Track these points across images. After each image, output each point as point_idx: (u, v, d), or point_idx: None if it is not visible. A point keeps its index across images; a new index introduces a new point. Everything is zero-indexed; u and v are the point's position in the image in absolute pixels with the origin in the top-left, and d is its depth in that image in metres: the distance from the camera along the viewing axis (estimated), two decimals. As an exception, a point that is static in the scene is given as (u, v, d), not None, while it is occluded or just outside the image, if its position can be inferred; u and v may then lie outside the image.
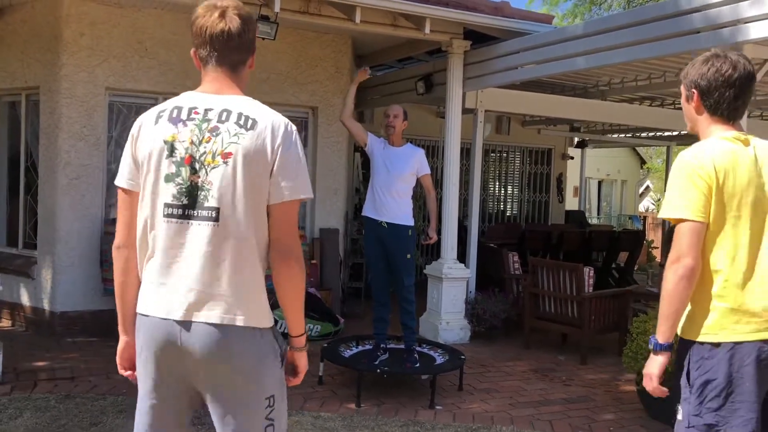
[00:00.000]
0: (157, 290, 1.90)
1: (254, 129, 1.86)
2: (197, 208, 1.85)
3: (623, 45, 5.00)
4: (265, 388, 1.92)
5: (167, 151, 1.87)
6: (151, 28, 6.21)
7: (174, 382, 1.93)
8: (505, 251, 7.12)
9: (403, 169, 4.87)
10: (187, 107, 1.90)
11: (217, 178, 1.84)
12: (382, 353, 4.99)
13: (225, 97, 1.92)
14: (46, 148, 6.09)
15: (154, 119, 1.92)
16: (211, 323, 1.84)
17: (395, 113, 4.93)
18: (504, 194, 11.73)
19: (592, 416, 4.52)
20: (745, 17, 4.06)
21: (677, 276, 2.03)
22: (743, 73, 2.10)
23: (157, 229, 1.88)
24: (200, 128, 1.87)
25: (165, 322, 1.87)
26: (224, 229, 1.85)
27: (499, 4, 6.55)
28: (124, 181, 1.95)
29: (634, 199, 24.69)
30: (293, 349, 2.02)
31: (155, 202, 1.88)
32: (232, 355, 1.86)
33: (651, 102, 8.82)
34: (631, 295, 6.43)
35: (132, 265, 1.98)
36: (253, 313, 1.89)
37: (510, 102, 7.31)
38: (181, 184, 1.86)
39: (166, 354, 1.88)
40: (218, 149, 1.84)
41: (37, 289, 6.13)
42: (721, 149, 2.08)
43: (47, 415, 4.00)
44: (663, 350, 2.11)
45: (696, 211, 2.02)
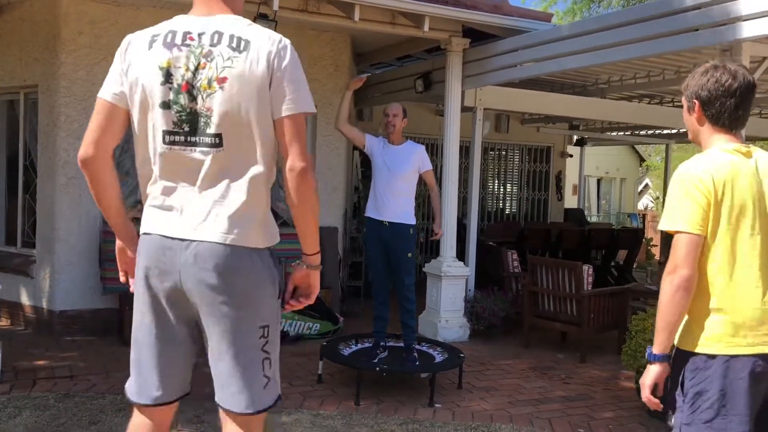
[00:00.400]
0: (161, 212, 1.90)
1: (247, 50, 1.83)
2: (199, 134, 1.84)
3: (622, 43, 5.00)
4: (261, 314, 1.91)
5: (163, 78, 1.84)
6: (149, 27, 6.19)
7: (173, 308, 1.92)
8: (504, 249, 7.12)
9: (405, 167, 4.87)
10: (182, 31, 1.88)
11: (215, 104, 1.82)
12: (381, 351, 4.99)
13: (216, 17, 1.89)
14: (45, 146, 6.09)
15: (148, 43, 1.89)
16: (212, 241, 1.84)
17: (395, 112, 4.92)
18: (503, 192, 11.74)
19: (592, 414, 4.52)
20: (743, 15, 4.06)
21: (673, 287, 2.03)
22: (743, 82, 2.11)
23: (159, 155, 1.88)
24: (195, 54, 1.84)
25: (166, 240, 1.87)
26: (227, 154, 1.85)
27: (498, 2, 6.54)
28: (110, 94, 1.93)
29: (633, 197, 24.71)
30: (308, 267, 2.02)
31: (154, 128, 1.87)
32: (231, 275, 1.85)
33: (650, 100, 8.83)
34: (630, 293, 6.44)
35: (102, 178, 1.94)
36: (253, 233, 1.89)
37: (509, 100, 7.31)
38: (180, 111, 1.84)
39: (166, 274, 1.87)
40: (213, 75, 1.82)
41: (35, 288, 6.12)
42: (720, 161, 2.08)
43: (46, 414, 4.00)
44: (658, 361, 2.11)
45: (693, 223, 2.03)
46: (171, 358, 1.98)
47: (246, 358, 1.90)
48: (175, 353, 1.98)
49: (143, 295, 1.94)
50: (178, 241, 1.86)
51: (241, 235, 1.86)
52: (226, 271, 1.84)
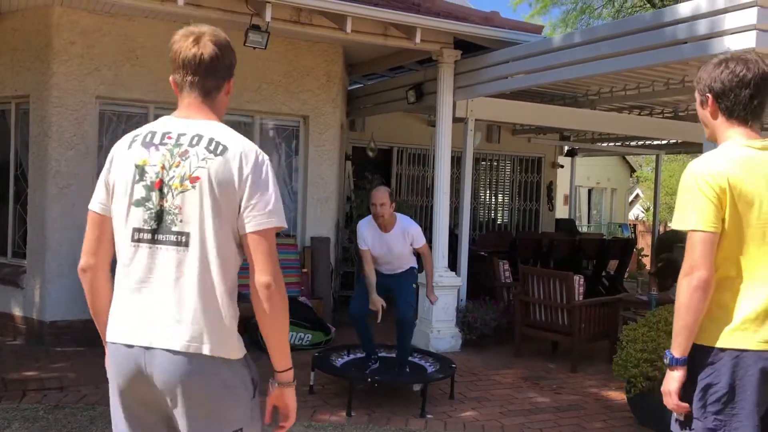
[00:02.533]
0: (124, 316, 1.86)
1: (223, 155, 1.82)
2: (165, 232, 1.82)
3: (611, 55, 5.05)
4: (231, 421, 1.85)
5: (137, 176, 1.85)
6: (142, 37, 6.21)
7: (146, 413, 1.88)
8: (496, 259, 7.15)
9: (398, 249, 4.99)
10: (161, 132, 1.89)
11: (185, 202, 1.81)
12: (373, 362, 5.00)
13: (199, 122, 1.90)
14: (36, 156, 6.07)
15: (128, 144, 1.91)
16: (174, 350, 1.78)
17: (381, 201, 4.81)
18: (494, 202, 11.78)
19: (583, 424, 4.53)
20: (729, 29, 4.12)
21: (691, 288, 1.99)
22: (758, 72, 2.05)
23: (127, 254, 1.86)
24: (172, 153, 1.84)
25: (130, 350, 1.82)
26: (193, 254, 1.81)
27: (489, 14, 6.59)
28: (97, 205, 1.94)
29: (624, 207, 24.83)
30: (280, 385, 1.91)
31: (126, 225, 1.86)
32: (194, 385, 1.80)
33: (640, 111, 8.89)
34: (621, 303, 6.47)
35: (99, 285, 1.96)
36: (221, 342, 1.82)
37: (500, 111, 7.36)
38: (151, 208, 1.83)
39: (134, 382, 1.83)
40: (186, 173, 1.82)
41: (26, 299, 6.09)
42: (733, 157, 2.03)
43: (36, 426, 3.97)
44: (680, 365, 2.06)
45: (707, 221, 1.98)
46: None
47: None
48: None
49: (118, 404, 1.90)
50: (140, 349, 1.81)
51: (205, 343, 1.81)
52: (188, 380, 1.79)
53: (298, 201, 7.15)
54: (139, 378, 1.82)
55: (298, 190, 7.17)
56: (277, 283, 1.83)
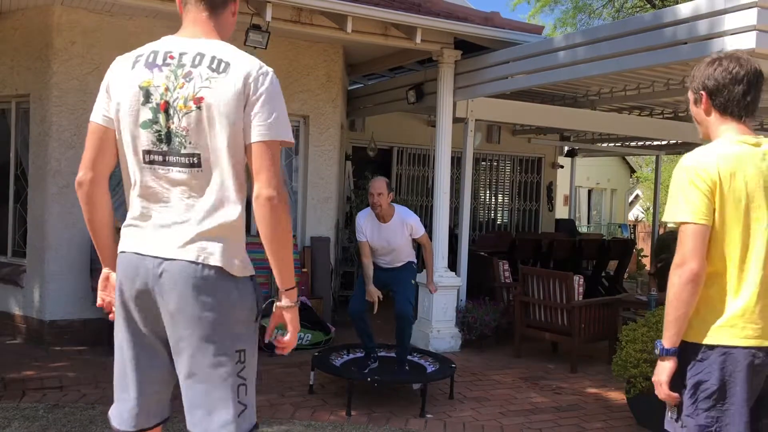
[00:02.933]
0: (138, 230, 1.88)
1: (227, 72, 1.82)
2: (175, 154, 1.83)
3: (612, 55, 5.05)
4: (237, 338, 1.85)
5: (143, 97, 1.84)
6: (143, 37, 6.13)
7: (149, 327, 1.88)
8: (496, 260, 7.15)
9: (400, 240, 5.00)
10: (163, 51, 1.88)
11: (191, 123, 1.81)
12: (372, 362, 5.00)
13: (201, 40, 1.88)
14: (36, 156, 6.08)
15: (131, 63, 1.90)
16: (188, 260, 1.80)
17: (379, 191, 4.84)
18: (494, 203, 11.78)
19: (582, 424, 4.53)
20: (729, 29, 4.12)
21: (682, 280, 2.01)
22: (750, 69, 2.09)
23: (139, 174, 1.87)
24: (175, 74, 1.83)
25: (142, 259, 1.84)
26: (205, 174, 1.83)
27: (490, 15, 6.60)
28: (100, 117, 1.93)
29: (623, 207, 24.84)
30: (282, 305, 1.90)
31: (136, 147, 1.86)
32: (205, 295, 1.80)
33: (640, 111, 8.90)
34: (621, 304, 6.47)
35: (96, 199, 1.94)
36: (231, 257, 1.84)
37: (500, 111, 7.36)
38: (159, 130, 1.83)
39: (142, 291, 1.85)
40: (190, 94, 1.81)
41: (26, 298, 6.09)
42: (725, 152, 2.05)
43: (36, 425, 3.97)
44: (669, 355, 2.08)
45: (699, 213, 2.00)
46: (151, 378, 1.93)
47: (221, 383, 1.83)
48: (155, 373, 1.94)
49: (121, 315, 1.91)
50: (151, 259, 1.83)
51: (215, 257, 1.82)
52: (199, 291, 1.80)
53: (298, 201, 7.15)
54: (147, 287, 1.84)
55: (298, 190, 7.17)
56: (281, 196, 1.82)
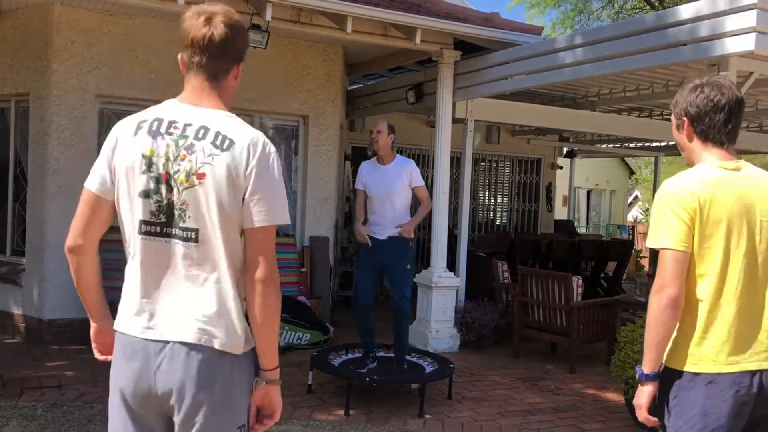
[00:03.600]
0: (134, 308, 1.85)
1: (229, 150, 1.79)
2: (174, 227, 1.80)
3: (611, 56, 5.05)
4: (239, 415, 1.85)
5: (144, 166, 1.81)
6: (142, 36, 6.21)
7: (149, 411, 1.85)
8: (495, 260, 7.15)
9: (395, 186, 4.89)
10: (167, 120, 1.84)
11: (191, 198, 1.79)
12: (371, 362, 5.00)
13: (205, 111, 1.85)
14: (36, 155, 6.07)
15: (134, 130, 1.85)
16: (187, 342, 1.78)
17: (378, 129, 4.92)
18: (494, 203, 11.79)
19: (581, 425, 4.53)
20: (729, 31, 4.13)
21: (661, 306, 2.02)
22: (731, 98, 2.12)
23: (136, 246, 1.84)
24: (177, 144, 1.80)
25: (140, 341, 1.81)
26: (202, 250, 1.80)
27: (489, 15, 6.60)
28: (95, 186, 1.89)
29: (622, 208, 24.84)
30: (267, 383, 1.87)
31: (133, 217, 1.83)
32: (207, 378, 1.79)
33: (639, 113, 8.91)
34: (620, 305, 6.47)
35: (86, 264, 1.92)
36: (230, 337, 1.82)
37: (500, 112, 7.36)
38: (159, 201, 1.80)
39: (141, 375, 1.81)
40: (192, 169, 1.78)
41: (24, 297, 6.09)
42: (705, 177, 2.07)
43: (34, 424, 3.97)
44: (650, 380, 2.10)
45: (678, 240, 2.02)
46: None
47: None
48: None
49: (118, 400, 1.87)
50: (151, 343, 1.80)
51: (215, 337, 1.80)
52: (200, 373, 1.78)
53: (297, 201, 7.15)
54: (147, 369, 1.80)
55: (297, 190, 7.17)
56: (273, 280, 1.81)
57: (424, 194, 5.01)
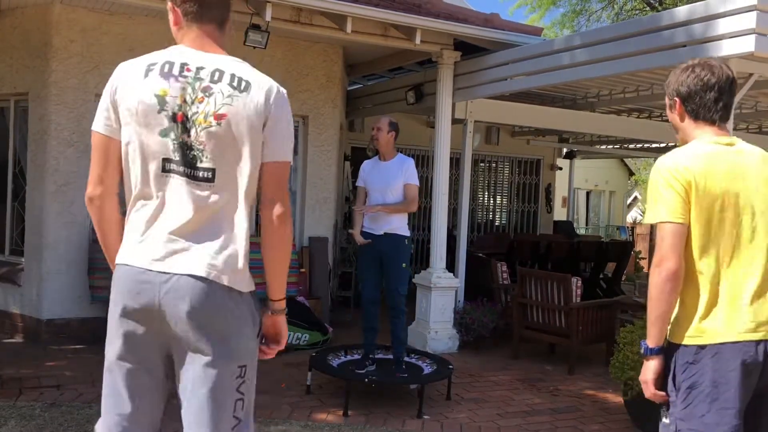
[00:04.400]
0: (142, 241, 1.86)
1: (247, 91, 1.85)
2: (190, 167, 1.84)
3: (611, 58, 5.05)
4: (239, 354, 1.87)
5: (158, 106, 1.84)
6: (141, 36, 6.21)
7: (149, 343, 1.86)
8: (494, 261, 7.14)
9: (394, 182, 4.91)
10: (179, 62, 1.88)
11: (210, 139, 1.83)
12: (370, 363, 4.99)
13: (215, 55, 1.91)
14: (35, 154, 6.07)
15: (144, 71, 1.87)
16: (195, 275, 1.80)
17: (378, 126, 4.96)
18: (493, 204, 11.78)
19: (580, 426, 4.53)
20: (728, 32, 4.13)
21: (661, 279, 2.04)
22: (722, 76, 2.16)
23: (148, 183, 1.87)
24: (193, 87, 1.84)
25: (146, 273, 1.82)
26: (216, 190, 1.85)
27: (489, 16, 6.60)
28: (103, 127, 1.93)
29: (622, 209, 24.87)
30: (274, 312, 1.98)
31: (148, 156, 1.85)
32: (211, 311, 1.81)
33: (639, 114, 8.91)
34: (619, 306, 6.47)
35: (108, 214, 1.94)
36: (238, 275, 1.87)
37: (499, 113, 7.36)
38: (174, 140, 1.84)
39: (143, 306, 1.82)
40: (211, 110, 1.83)
41: (23, 297, 6.08)
42: (698, 152, 2.11)
43: (32, 424, 3.97)
44: (654, 354, 2.11)
45: (674, 212, 2.04)
46: (146, 397, 1.92)
47: (218, 397, 1.84)
48: (151, 392, 1.92)
49: (118, 328, 1.87)
50: (157, 274, 1.81)
51: (224, 273, 1.83)
52: (205, 307, 1.80)
53: (296, 201, 7.15)
54: (150, 302, 1.82)
55: (296, 190, 7.16)
56: (288, 215, 1.91)
57: (411, 193, 4.94)
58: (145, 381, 1.90)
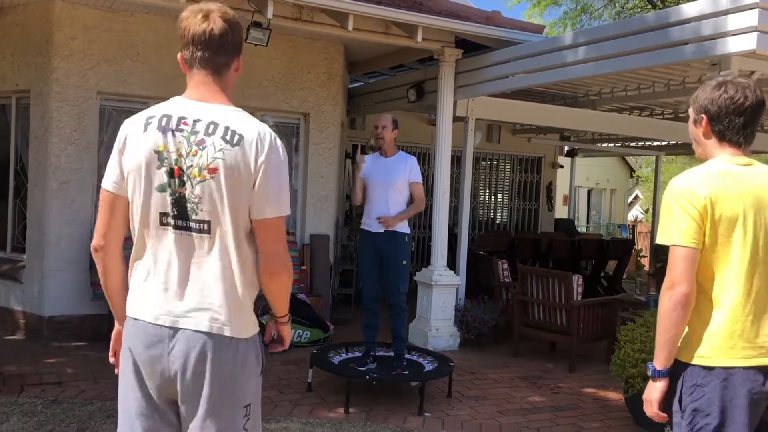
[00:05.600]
0: (147, 295, 1.92)
1: (239, 145, 1.86)
2: (187, 219, 1.88)
3: (613, 55, 5.05)
4: (244, 396, 1.94)
5: (158, 161, 1.88)
6: (143, 33, 6.21)
7: (160, 392, 1.93)
8: (495, 259, 7.15)
9: (396, 178, 4.92)
10: (177, 116, 1.90)
11: (204, 192, 1.86)
12: (371, 360, 5.00)
13: (213, 106, 1.92)
14: (36, 151, 6.07)
15: (143, 126, 1.91)
16: (199, 330, 1.87)
17: (383, 124, 4.99)
18: (494, 202, 11.78)
19: (580, 424, 4.54)
20: (731, 30, 4.12)
21: (672, 303, 2.02)
22: (754, 101, 2.08)
23: (153, 236, 1.92)
24: (188, 140, 1.87)
25: (153, 327, 1.89)
26: (214, 241, 1.89)
27: (491, 14, 6.60)
28: (110, 184, 1.96)
29: (623, 208, 24.86)
30: (278, 323, 2.10)
31: (148, 210, 1.90)
32: (217, 364, 1.87)
33: (640, 112, 8.90)
34: (619, 304, 6.47)
35: (111, 265, 2.01)
36: (240, 323, 1.92)
37: (501, 110, 7.36)
38: (173, 194, 1.88)
39: (153, 359, 1.89)
40: (204, 163, 1.85)
41: (25, 294, 6.09)
42: (714, 173, 2.06)
43: (34, 420, 3.98)
44: (661, 377, 2.09)
45: (688, 237, 2.01)
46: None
47: None
48: None
49: (130, 378, 1.95)
50: (164, 329, 1.88)
51: (226, 325, 1.89)
52: (210, 360, 1.87)
53: (297, 199, 7.15)
54: (159, 355, 1.88)
55: (297, 188, 7.16)
56: (286, 267, 1.96)
57: (420, 193, 5.01)
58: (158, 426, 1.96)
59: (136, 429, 1.96)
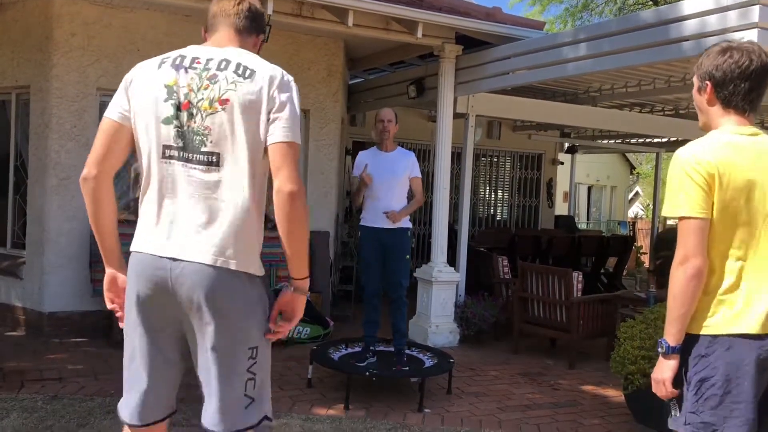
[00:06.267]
0: (153, 229, 1.92)
1: (252, 78, 1.90)
2: (194, 152, 1.89)
3: (613, 52, 5.04)
4: (250, 337, 1.92)
5: (166, 95, 1.90)
6: (143, 29, 6.20)
7: (164, 327, 1.93)
8: (495, 255, 7.15)
9: (398, 173, 4.93)
10: (191, 56, 1.96)
11: (214, 123, 1.88)
12: (371, 356, 5.00)
13: (226, 48, 1.99)
14: (36, 148, 6.07)
15: (158, 64, 1.96)
16: (204, 263, 1.86)
17: (389, 117, 4.99)
18: (494, 199, 11.78)
19: (580, 421, 4.54)
20: (731, 27, 4.11)
21: (687, 276, 1.98)
22: (759, 65, 2.04)
23: (156, 170, 1.92)
24: (200, 76, 1.91)
25: (157, 260, 1.88)
26: (224, 174, 1.89)
27: (491, 10, 6.59)
28: (116, 113, 1.98)
29: (623, 204, 24.85)
30: (295, 291, 2.00)
31: (153, 143, 1.91)
32: (221, 298, 1.86)
33: (641, 109, 8.89)
34: (620, 300, 6.47)
35: (100, 196, 1.97)
36: (246, 258, 1.91)
37: (501, 107, 7.35)
38: (179, 127, 1.89)
39: (157, 292, 1.89)
40: (215, 96, 1.88)
41: (25, 290, 6.09)
42: (721, 143, 2.03)
43: (34, 416, 3.98)
44: (675, 353, 2.06)
45: (698, 208, 1.98)
46: (163, 376, 2.00)
47: (230, 378, 1.91)
48: (168, 372, 2.01)
49: (136, 314, 1.94)
50: (168, 261, 1.87)
51: (232, 258, 1.88)
52: (215, 293, 1.85)
53: (297, 195, 7.14)
54: (163, 288, 1.88)
55: (297, 184, 7.15)
56: (301, 192, 1.91)
57: (419, 187, 5.05)
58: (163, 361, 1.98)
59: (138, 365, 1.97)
